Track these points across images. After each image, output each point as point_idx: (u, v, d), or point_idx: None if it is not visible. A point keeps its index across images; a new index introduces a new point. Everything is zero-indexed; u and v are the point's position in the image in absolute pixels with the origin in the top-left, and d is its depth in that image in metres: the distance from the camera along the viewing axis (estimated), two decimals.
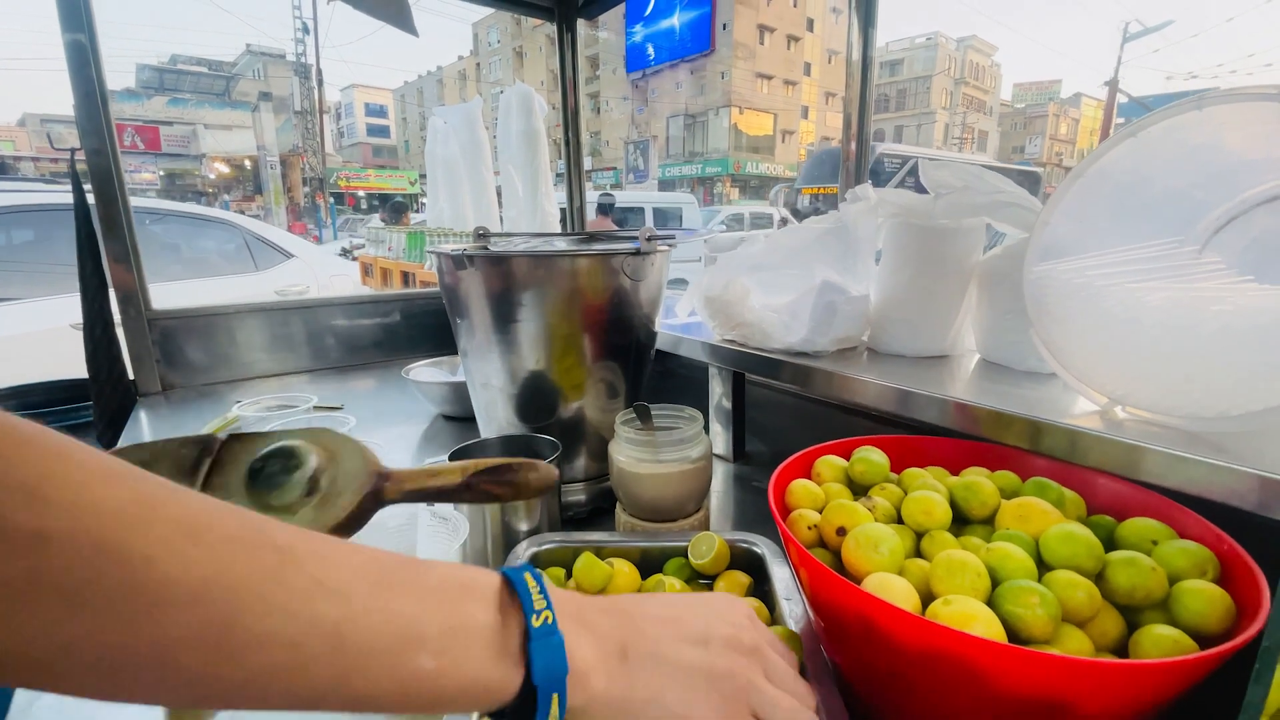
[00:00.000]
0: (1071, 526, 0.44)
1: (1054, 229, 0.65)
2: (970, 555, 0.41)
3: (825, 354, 0.83)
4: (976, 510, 0.50)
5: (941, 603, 0.38)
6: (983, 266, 0.80)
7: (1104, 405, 0.61)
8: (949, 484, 0.53)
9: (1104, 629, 0.41)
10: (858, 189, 0.83)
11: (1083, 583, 0.41)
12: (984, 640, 0.35)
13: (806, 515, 0.50)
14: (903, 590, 0.40)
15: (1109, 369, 0.61)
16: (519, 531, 0.69)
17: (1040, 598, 0.38)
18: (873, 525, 0.45)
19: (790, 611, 0.54)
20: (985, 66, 44.89)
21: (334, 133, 42.97)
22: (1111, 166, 0.63)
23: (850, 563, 0.44)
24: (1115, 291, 0.60)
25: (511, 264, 0.73)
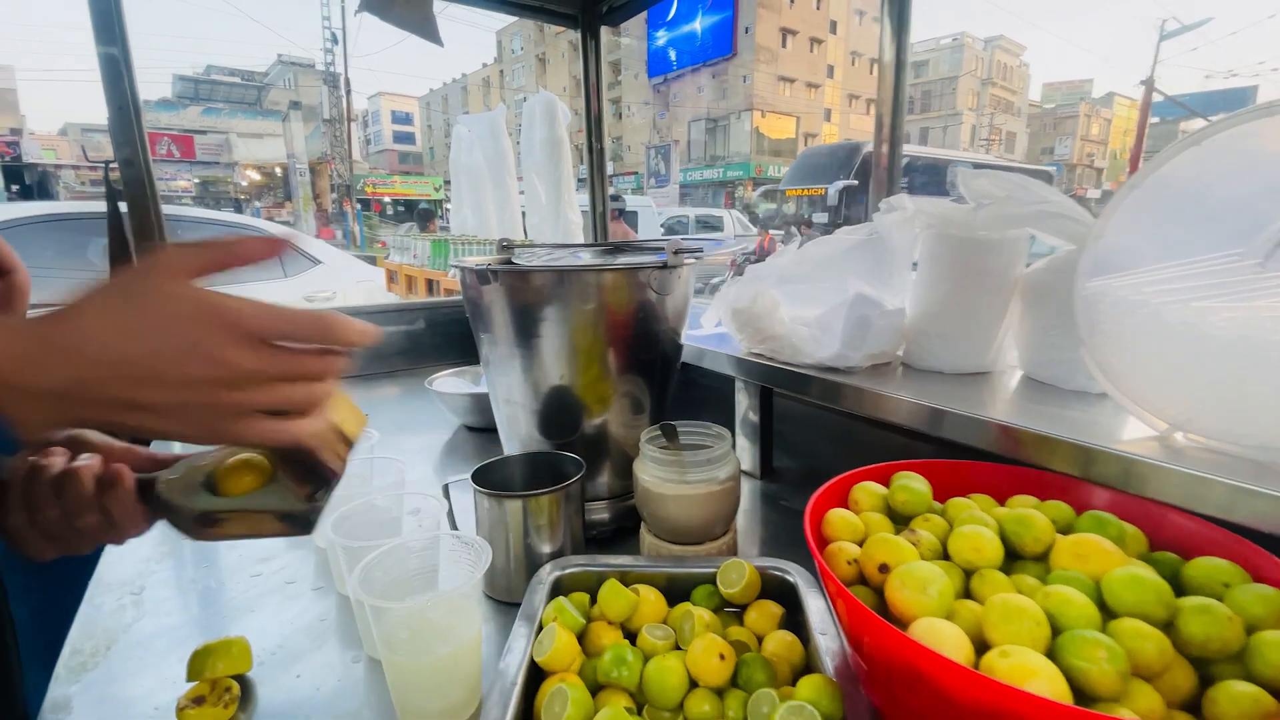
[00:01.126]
0: (1138, 569, 0.41)
1: (1108, 242, 0.61)
2: (1028, 600, 0.38)
3: (858, 370, 0.80)
4: (1029, 546, 0.47)
5: (998, 654, 0.36)
6: (1026, 280, 0.76)
7: (1163, 431, 0.58)
8: (998, 515, 0.50)
9: (1175, 684, 0.37)
10: (893, 199, 0.80)
11: (1152, 633, 0.37)
12: (1048, 701, 0.32)
13: (846, 549, 0.48)
14: (954, 638, 0.37)
15: (1169, 392, 0.57)
16: (541, 554, 0.67)
17: (1108, 651, 0.35)
18: (919, 564, 0.43)
19: (826, 646, 0.51)
20: (1013, 67, 44.10)
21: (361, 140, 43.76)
22: (1172, 176, 0.59)
23: (895, 603, 0.42)
24: (1176, 309, 0.57)
25: (535, 279, 0.72)
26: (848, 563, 0.47)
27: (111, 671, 0.58)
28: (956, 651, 0.36)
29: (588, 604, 0.59)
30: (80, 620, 0.65)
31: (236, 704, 0.52)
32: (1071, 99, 50.76)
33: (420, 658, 0.47)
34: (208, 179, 23.55)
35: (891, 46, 1.22)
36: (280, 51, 35.92)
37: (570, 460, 0.73)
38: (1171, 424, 0.56)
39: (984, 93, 41.98)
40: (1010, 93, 44.17)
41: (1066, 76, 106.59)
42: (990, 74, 41.97)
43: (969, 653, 0.37)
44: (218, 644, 0.55)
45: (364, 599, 0.45)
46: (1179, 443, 0.56)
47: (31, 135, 19.15)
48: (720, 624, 0.56)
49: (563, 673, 0.49)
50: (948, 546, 0.47)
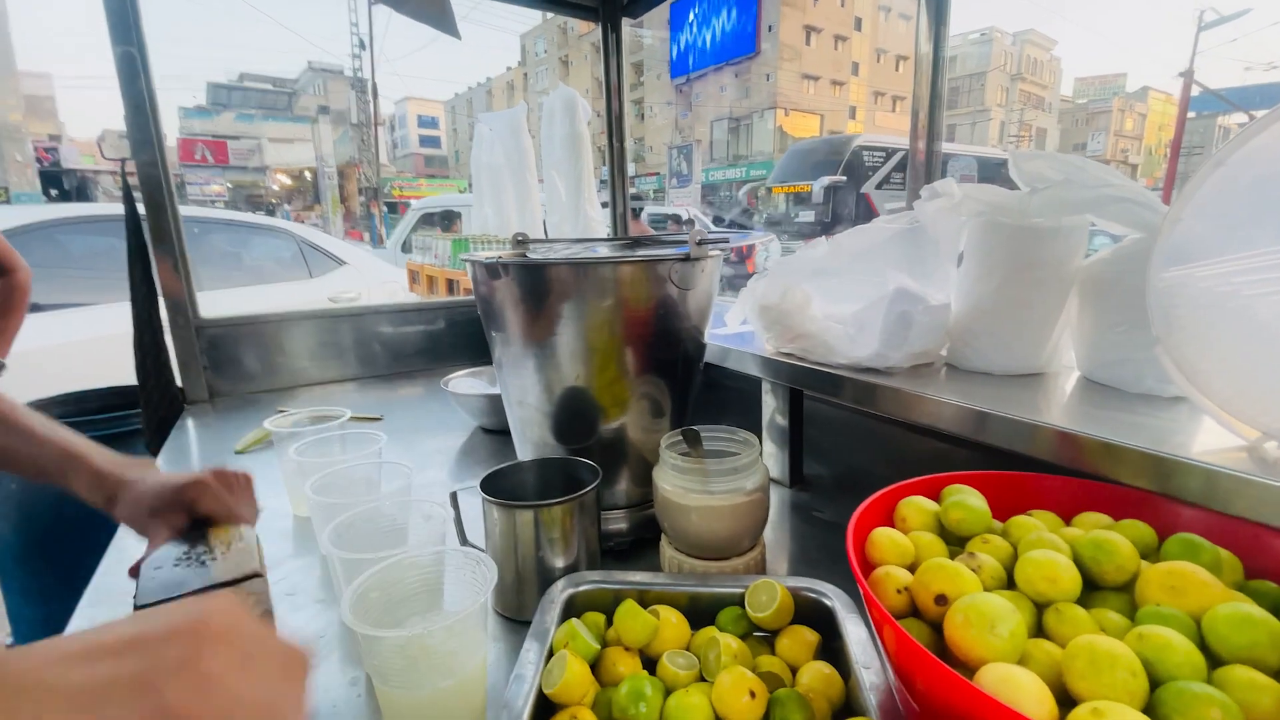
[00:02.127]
0: (1247, 607, 0.34)
1: (1187, 227, 0.54)
2: (1120, 645, 0.32)
3: (898, 371, 0.74)
4: (1110, 575, 0.40)
5: (1090, 712, 0.30)
6: (1086, 272, 0.69)
7: (1253, 440, 0.51)
8: (1069, 538, 0.43)
9: None
10: (938, 184, 0.73)
11: (1269, 685, 0.31)
12: None
13: (895, 575, 0.42)
14: (1033, 690, 0.31)
15: (1261, 396, 0.50)
16: (554, 568, 0.62)
17: (1222, 709, 0.29)
18: (984, 596, 0.37)
19: (870, 682, 0.46)
20: (1044, 61, 43.06)
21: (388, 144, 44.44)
22: (1258, 154, 0.52)
23: (957, 643, 0.36)
24: (1270, 301, 0.50)
25: (548, 272, 0.67)
26: (897, 591, 0.41)
27: None
28: (1038, 707, 0.31)
29: (603, 626, 0.54)
30: (80, 619, 0.62)
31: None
32: (1104, 93, 49.44)
33: (417, 691, 0.43)
34: (240, 183, 24.08)
35: (929, 39, 1.16)
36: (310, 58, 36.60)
37: (586, 467, 0.68)
38: (1265, 432, 0.50)
39: (1013, 88, 41.08)
40: (1041, 88, 43.15)
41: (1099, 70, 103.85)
42: (1020, 69, 41.06)
43: (1052, 709, 0.31)
44: None
45: (354, 626, 0.41)
46: (1272, 453, 0.49)
47: (71, 141, 19.77)
48: (749, 652, 0.50)
49: (574, 707, 0.45)
50: (1015, 575, 0.41)
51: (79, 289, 2.70)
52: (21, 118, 12.24)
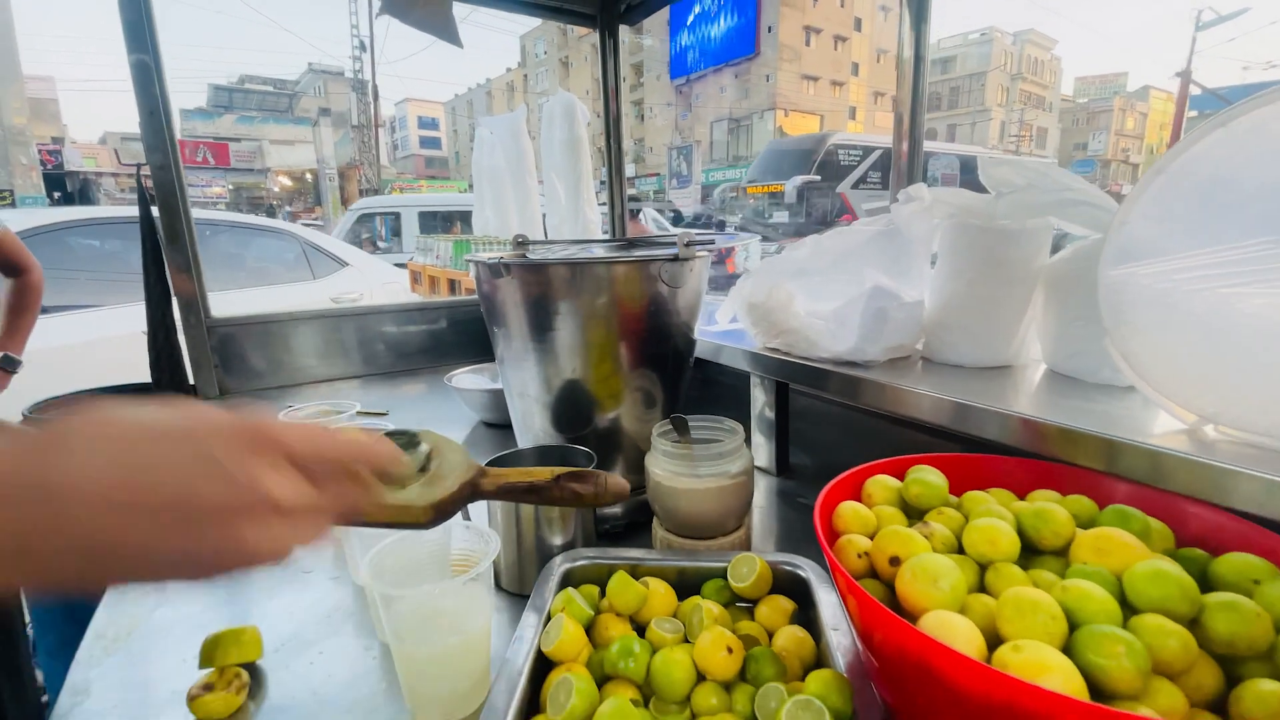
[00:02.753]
0: (1162, 563, 0.39)
1: (1133, 229, 0.59)
2: (1043, 594, 0.37)
3: (876, 364, 0.79)
4: (1048, 540, 0.45)
5: (1011, 648, 0.34)
6: (1050, 270, 0.74)
7: (1192, 424, 0.56)
8: (1016, 510, 0.48)
9: (1199, 682, 0.36)
10: (911, 188, 0.78)
11: (1176, 630, 0.36)
12: (1062, 696, 0.31)
13: (856, 541, 0.47)
14: (965, 632, 0.36)
15: (1198, 383, 0.55)
16: (553, 546, 0.67)
17: (1127, 647, 0.34)
18: (931, 555, 0.41)
19: (838, 643, 0.50)
20: (1044, 61, 43.09)
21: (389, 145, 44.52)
22: (1197, 161, 0.57)
23: (905, 597, 0.41)
24: (1205, 297, 0.54)
25: (547, 271, 0.72)
26: (858, 555, 0.46)
27: (131, 656, 0.60)
28: (968, 645, 0.35)
29: (597, 596, 0.58)
30: (104, 607, 0.67)
31: (246, 691, 0.53)
32: (1105, 93, 49.45)
33: (429, 646, 0.48)
34: (241, 185, 24.15)
35: (910, 41, 1.21)
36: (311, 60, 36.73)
37: (581, 453, 0.73)
38: (1201, 416, 0.54)
39: (1014, 88, 41.10)
40: (1041, 87, 43.17)
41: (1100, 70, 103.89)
42: (1020, 69, 41.08)
43: (981, 647, 0.36)
44: (228, 633, 0.56)
45: (373, 586, 0.46)
46: (1209, 436, 0.54)
47: (73, 144, 19.84)
48: (730, 618, 0.55)
49: (569, 663, 0.49)
50: (962, 540, 0.46)
51: (86, 291, 2.75)
52: (26, 121, 12.30)
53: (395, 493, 0.39)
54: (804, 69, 30.05)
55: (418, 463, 0.41)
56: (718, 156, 30.82)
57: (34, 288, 1.58)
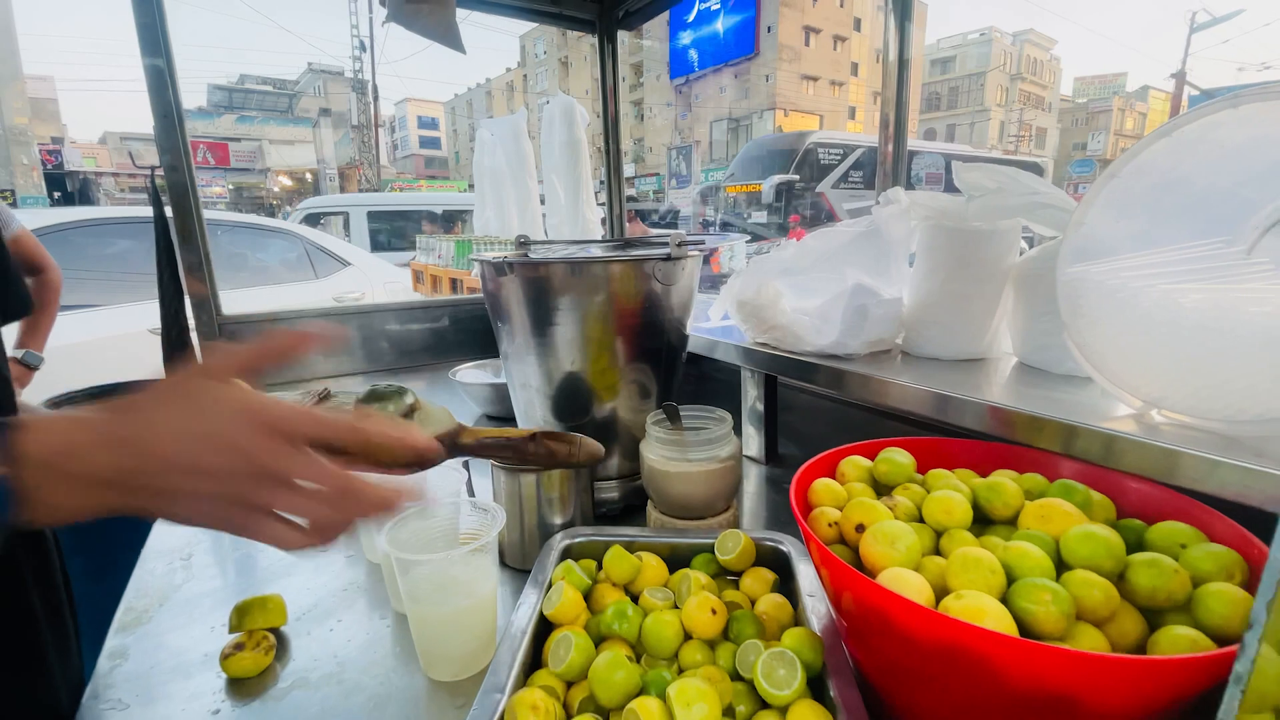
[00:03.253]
0: (1092, 527, 0.44)
1: (1089, 230, 0.64)
2: (985, 552, 0.42)
3: (857, 356, 0.84)
4: (999, 510, 0.50)
5: (953, 597, 0.39)
6: (1019, 269, 0.79)
7: (1139, 409, 0.60)
8: (972, 485, 0.53)
9: (1123, 629, 0.41)
10: (890, 192, 0.83)
11: (1099, 582, 0.41)
12: (994, 633, 0.36)
13: (828, 513, 0.52)
14: (916, 584, 0.41)
15: (1145, 371, 0.60)
16: (553, 525, 0.72)
17: (1053, 594, 0.39)
18: (891, 522, 0.46)
19: (813, 608, 0.55)
20: (1044, 61, 43.18)
21: (389, 145, 44.55)
22: (1148, 166, 0.62)
23: (867, 558, 0.46)
24: (1152, 293, 0.59)
25: (548, 270, 0.77)
26: (829, 525, 0.51)
27: (163, 625, 0.65)
28: (918, 595, 0.40)
29: (594, 570, 0.63)
30: (134, 581, 0.72)
31: (273, 652, 0.57)
32: (1105, 93, 49.53)
33: (441, 608, 0.53)
34: (241, 185, 24.20)
35: (896, 42, 1.25)
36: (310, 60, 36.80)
37: None
38: (1147, 401, 0.59)
39: (1013, 88, 41.16)
40: (1041, 87, 43.25)
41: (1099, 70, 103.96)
42: (1020, 69, 41.14)
43: (929, 597, 0.41)
44: (255, 600, 0.61)
45: (392, 552, 0.51)
46: (1154, 419, 0.59)
47: (73, 144, 19.89)
48: (716, 587, 0.60)
49: (569, 625, 0.54)
50: (921, 510, 0.51)
51: (93, 291, 2.79)
52: (28, 120, 12.35)
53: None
54: (803, 69, 30.12)
55: (400, 411, 0.46)
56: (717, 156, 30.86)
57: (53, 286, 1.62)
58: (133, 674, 0.58)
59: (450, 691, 0.55)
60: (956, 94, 40.75)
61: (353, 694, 0.55)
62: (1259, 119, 0.56)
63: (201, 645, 0.61)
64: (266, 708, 0.53)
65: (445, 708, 0.53)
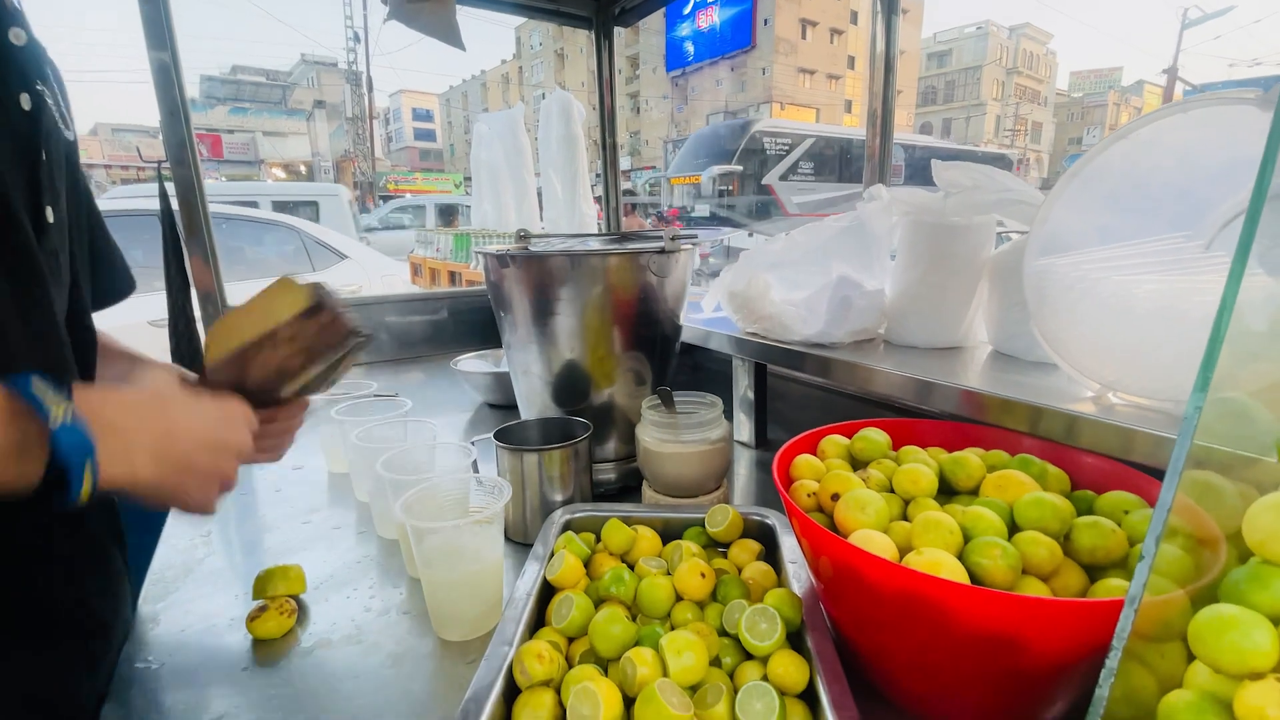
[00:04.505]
0: (1042, 494, 0.49)
1: (1054, 225, 0.69)
2: (945, 515, 0.47)
3: (841, 345, 0.89)
4: (962, 482, 0.55)
5: (915, 554, 0.44)
6: (994, 262, 0.84)
7: (1098, 391, 0.65)
8: (940, 460, 0.58)
9: (1066, 583, 0.46)
10: (873, 189, 0.88)
11: (1045, 540, 0.46)
12: (949, 582, 0.40)
13: (807, 485, 0.56)
14: (882, 543, 0.46)
15: (1103, 357, 0.65)
16: (554, 502, 0.77)
17: (1002, 550, 0.43)
18: (862, 490, 0.51)
19: (795, 574, 0.60)
20: (1040, 55, 43.22)
21: (383, 137, 44.30)
22: (1107, 167, 0.67)
23: (840, 522, 0.50)
24: (1109, 284, 0.64)
25: (548, 262, 0.81)
26: (808, 495, 0.56)
27: (190, 593, 0.69)
28: (884, 552, 0.45)
29: (593, 542, 0.68)
30: (159, 556, 0.76)
31: (295, 616, 0.62)
32: (1100, 87, 49.65)
33: (452, 573, 0.57)
34: (235, 177, 24.08)
35: (883, 35, 1.29)
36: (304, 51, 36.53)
37: (579, 424, 0.82)
38: (1105, 385, 0.64)
39: (1009, 82, 41.20)
40: (1036, 82, 43.31)
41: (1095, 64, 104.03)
42: (1016, 63, 41.17)
43: (894, 554, 0.46)
44: (277, 569, 0.65)
45: (407, 521, 0.55)
46: (1111, 401, 0.64)
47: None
48: (706, 555, 0.65)
49: (570, 588, 0.59)
50: (892, 482, 0.55)
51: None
52: None
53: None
54: (800, 62, 30.08)
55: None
56: None
57: None
58: (167, 634, 0.62)
59: (461, 650, 0.60)
60: (953, 88, 40.79)
61: (371, 653, 0.59)
62: (1208, 122, 0.61)
63: (228, 611, 0.65)
64: (293, 664, 0.58)
65: (457, 663, 0.58)
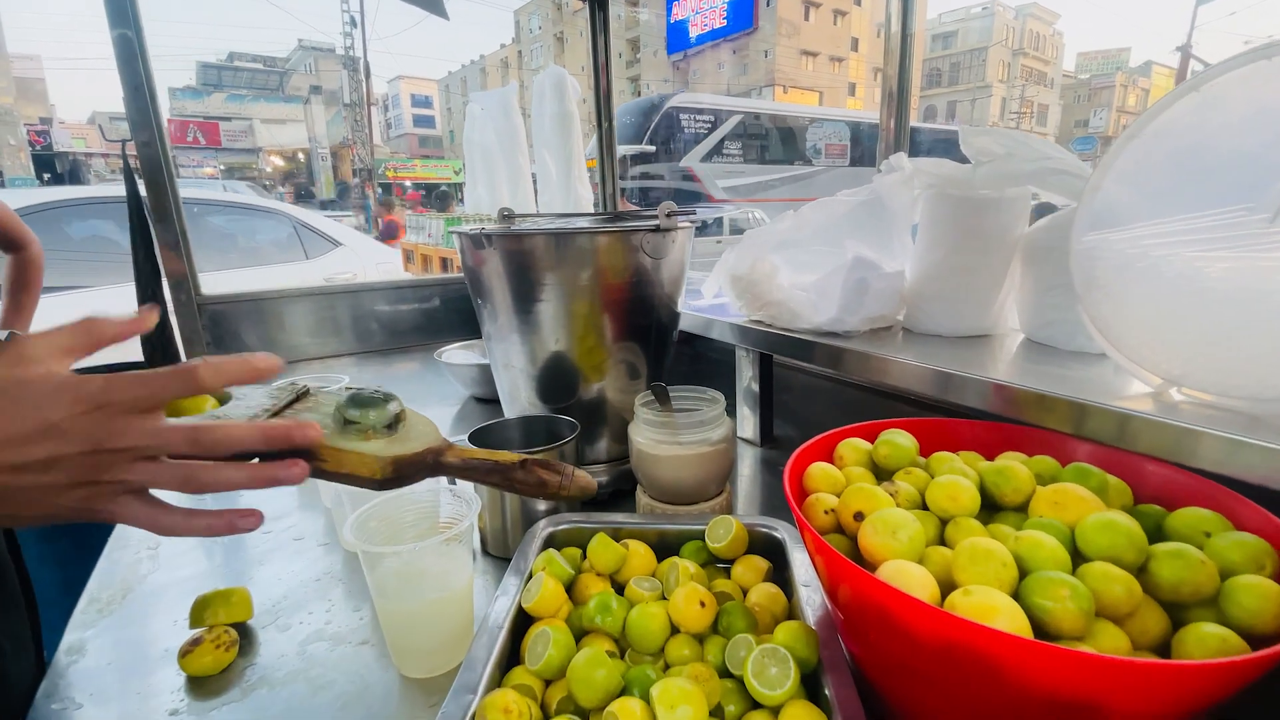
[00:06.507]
0: (1112, 515, 0.40)
1: (1106, 195, 0.60)
2: (996, 543, 0.38)
3: (856, 334, 0.80)
4: (1009, 497, 0.47)
5: (961, 593, 0.36)
6: (1028, 239, 0.75)
7: (1158, 386, 0.57)
8: (979, 469, 0.50)
9: (1145, 626, 0.37)
10: (892, 158, 0.79)
11: (1121, 575, 0.37)
12: (1006, 634, 0.32)
13: (824, 499, 0.48)
14: (920, 579, 0.37)
15: (1164, 347, 0.56)
16: (537, 512, 0.69)
17: (1071, 590, 0.35)
18: (892, 510, 0.43)
19: (808, 599, 0.52)
20: (1046, 35, 42.54)
21: (381, 124, 43.94)
22: (1171, 125, 0.58)
23: (867, 549, 0.42)
24: (1174, 263, 0.55)
25: (529, 242, 0.72)
26: (825, 512, 0.47)
27: (125, 618, 0.62)
28: (922, 591, 0.37)
29: (579, 558, 0.60)
30: (98, 572, 0.69)
31: (235, 648, 0.54)
32: (1108, 68, 48.94)
33: (410, 602, 0.49)
34: (233, 165, 23.90)
35: (899, 15, 1.20)
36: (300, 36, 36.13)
37: (565, 423, 0.74)
38: (1167, 379, 0.55)
39: (1015, 63, 40.61)
40: (1043, 63, 42.67)
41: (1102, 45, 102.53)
42: (1022, 44, 40.56)
43: (935, 593, 0.38)
44: (217, 594, 0.57)
45: (356, 545, 0.47)
46: (1173, 398, 0.55)
47: (62, 124, 19.57)
48: (706, 576, 0.56)
49: (549, 619, 0.51)
50: (925, 496, 0.47)
51: (79, 272, 2.74)
52: (13, 100, 12.13)
53: (358, 443, 0.40)
54: (803, 44, 29.65)
55: (382, 421, 0.42)
56: None
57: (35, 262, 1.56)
58: (89, 670, 0.55)
59: (424, 689, 0.52)
60: (958, 70, 40.20)
61: (320, 691, 0.51)
62: None
63: (163, 639, 0.58)
64: (228, 707, 0.50)
65: (418, 707, 0.50)
